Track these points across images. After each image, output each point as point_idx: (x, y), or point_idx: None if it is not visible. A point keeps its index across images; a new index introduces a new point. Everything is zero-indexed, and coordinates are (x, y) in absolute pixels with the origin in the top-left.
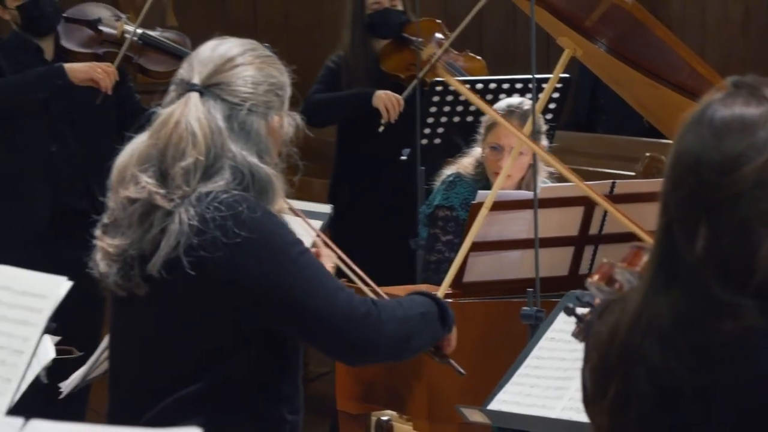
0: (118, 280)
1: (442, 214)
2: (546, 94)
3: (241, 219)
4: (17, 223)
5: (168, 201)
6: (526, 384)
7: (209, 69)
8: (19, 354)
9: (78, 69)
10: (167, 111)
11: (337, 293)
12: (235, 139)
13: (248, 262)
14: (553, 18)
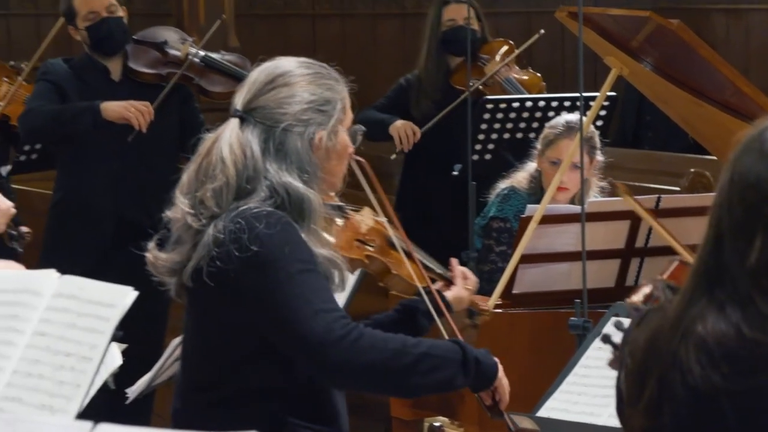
0: (175, 290)
1: (497, 226)
2: (593, 111)
3: (255, 233)
4: (83, 235)
5: (197, 221)
6: (574, 392)
7: (250, 94)
8: (87, 361)
9: (112, 108)
10: (209, 136)
11: (319, 314)
12: (272, 160)
13: (254, 277)
14: (601, 38)
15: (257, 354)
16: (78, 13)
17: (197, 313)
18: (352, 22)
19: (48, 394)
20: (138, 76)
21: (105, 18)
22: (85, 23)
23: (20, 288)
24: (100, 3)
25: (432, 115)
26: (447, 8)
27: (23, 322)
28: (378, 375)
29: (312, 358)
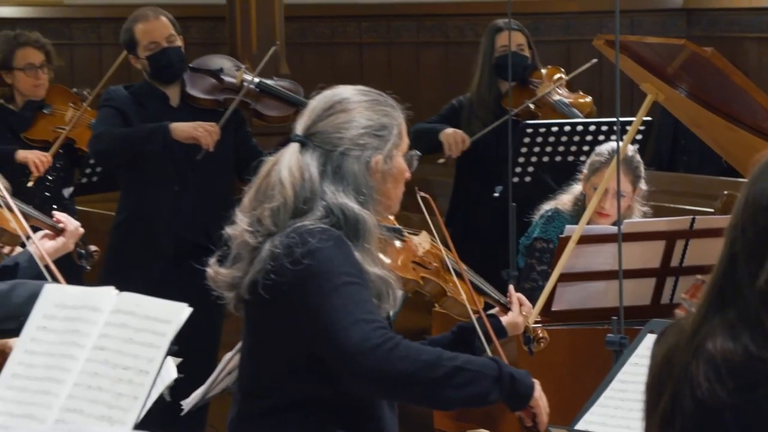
0: (233, 303)
1: (540, 246)
2: (630, 135)
3: (307, 248)
4: (143, 253)
5: (254, 238)
6: (611, 406)
7: (310, 119)
8: (144, 374)
9: (181, 128)
10: (269, 159)
11: (358, 323)
12: (329, 182)
13: (304, 288)
14: (637, 65)
15: (306, 365)
16: (139, 43)
17: (252, 325)
18: (397, 50)
19: (107, 405)
20: (195, 102)
21: (165, 48)
22: (146, 52)
23: (81, 304)
24: (160, 33)
25: (483, 136)
26: (500, 35)
27: (84, 336)
28: (410, 385)
29: (347, 365)
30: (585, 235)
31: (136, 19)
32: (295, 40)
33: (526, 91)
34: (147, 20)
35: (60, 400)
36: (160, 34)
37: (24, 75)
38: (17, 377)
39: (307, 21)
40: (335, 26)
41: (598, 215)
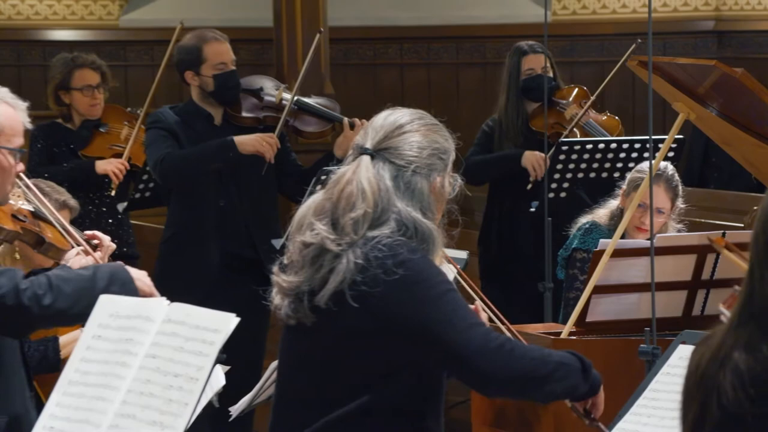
0: (289, 312)
1: (580, 256)
2: (662, 153)
3: (400, 259)
4: (191, 266)
5: (337, 245)
6: (644, 414)
7: (380, 135)
8: (194, 381)
9: (246, 142)
10: (341, 171)
11: (474, 327)
12: (400, 197)
13: (402, 297)
14: (669, 85)
15: (385, 373)
16: (206, 61)
17: (327, 333)
18: (437, 70)
19: (158, 411)
20: (237, 120)
21: (233, 70)
22: (213, 71)
23: (134, 314)
24: (229, 55)
25: None
26: (525, 58)
27: (137, 345)
28: (527, 382)
29: (470, 367)
30: (619, 248)
31: (204, 38)
32: (339, 62)
33: (554, 111)
34: (218, 41)
35: (114, 405)
36: (229, 56)
37: (81, 95)
38: (74, 384)
39: (350, 43)
40: (377, 48)
41: (637, 230)
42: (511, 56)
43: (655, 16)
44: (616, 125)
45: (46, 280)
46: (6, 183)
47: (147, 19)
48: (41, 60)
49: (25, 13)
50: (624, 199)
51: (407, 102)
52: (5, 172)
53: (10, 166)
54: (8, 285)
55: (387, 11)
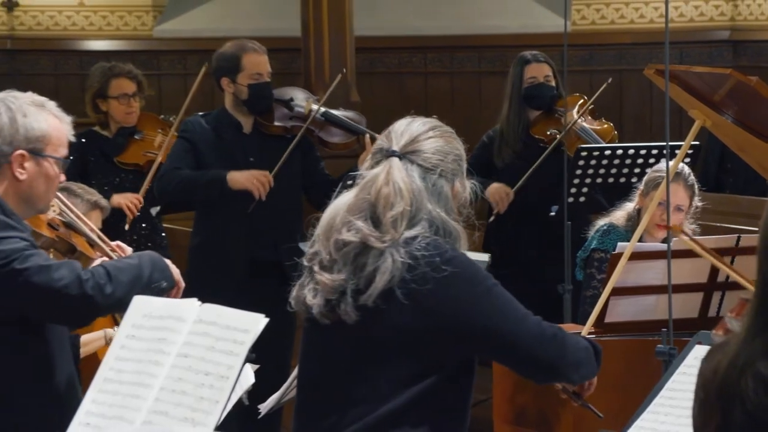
0: (323, 311)
1: (598, 256)
2: (678, 159)
3: (447, 257)
4: (221, 268)
5: (380, 242)
6: (661, 413)
7: (406, 139)
8: (225, 379)
9: (237, 179)
10: (374, 172)
11: (528, 317)
12: (428, 198)
13: (453, 293)
14: (685, 93)
15: (426, 366)
16: (243, 70)
17: (374, 331)
18: (460, 79)
19: (190, 408)
20: (266, 129)
21: (268, 81)
22: (248, 81)
23: (167, 314)
24: (266, 67)
25: (513, 163)
26: (528, 67)
27: (169, 344)
28: (572, 368)
29: (527, 356)
30: (636, 251)
31: (244, 48)
32: (365, 70)
33: (553, 119)
34: (256, 52)
35: (147, 402)
36: (264, 67)
37: (118, 103)
38: (109, 381)
39: (376, 52)
40: (402, 57)
41: (658, 228)
42: (514, 65)
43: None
44: (609, 132)
45: (103, 270)
46: (50, 192)
47: (180, 30)
48: (78, 69)
49: (63, 24)
50: (642, 199)
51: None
52: (50, 180)
53: (55, 175)
54: (70, 276)
55: (412, 21)
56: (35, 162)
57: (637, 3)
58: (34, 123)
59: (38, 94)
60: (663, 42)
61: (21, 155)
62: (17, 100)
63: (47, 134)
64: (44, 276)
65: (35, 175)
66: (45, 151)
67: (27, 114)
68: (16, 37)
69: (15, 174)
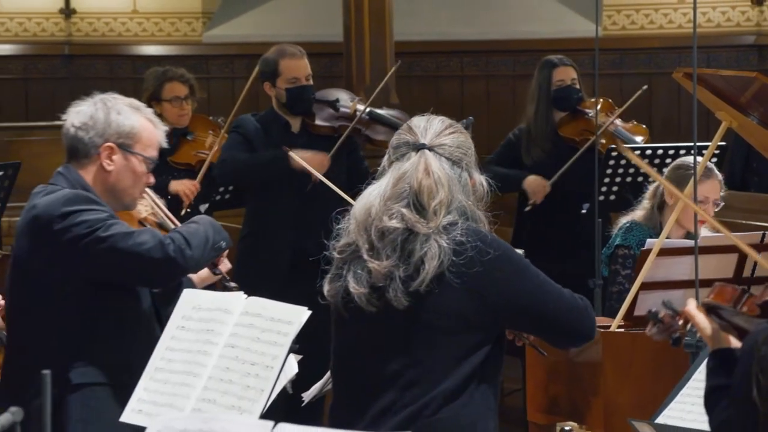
0: (370, 298)
1: (622, 253)
2: (705, 158)
3: (488, 241)
4: (266, 262)
5: (426, 228)
6: (688, 402)
7: (434, 133)
8: (269, 369)
9: (297, 160)
10: (409, 163)
11: (563, 292)
12: (457, 188)
13: (500, 274)
14: (712, 95)
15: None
16: (281, 74)
17: (425, 314)
18: (495, 82)
19: (237, 396)
20: (314, 128)
21: (304, 85)
22: (286, 85)
23: (214, 307)
24: (302, 71)
25: (542, 161)
26: (556, 70)
27: (217, 335)
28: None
29: (573, 327)
30: (664, 248)
31: (282, 53)
32: (404, 73)
33: (581, 120)
34: (293, 57)
35: (196, 391)
36: (302, 71)
37: (170, 106)
38: (160, 371)
39: (414, 56)
40: (440, 60)
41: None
42: (541, 69)
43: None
44: (643, 132)
45: (180, 235)
46: (136, 188)
47: (228, 35)
48: (132, 73)
49: (117, 30)
50: (671, 195)
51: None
52: (137, 177)
53: (142, 173)
54: (153, 241)
55: (449, 27)
56: (123, 156)
57: (666, 9)
58: (126, 121)
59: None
60: (691, 46)
61: (110, 147)
62: (115, 100)
63: (137, 132)
64: (129, 241)
65: (122, 169)
66: (134, 147)
67: (121, 112)
68: (73, 43)
69: (103, 164)
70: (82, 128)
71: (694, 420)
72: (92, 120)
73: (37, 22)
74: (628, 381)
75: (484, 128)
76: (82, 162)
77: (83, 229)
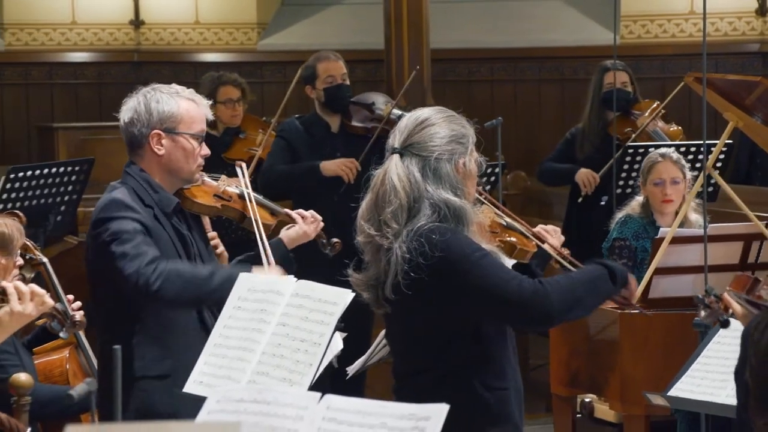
0: (372, 304)
1: (618, 245)
2: (714, 155)
3: (433, 243)
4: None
5: (385, 239)
6: (698, 377)
7: (405, 134)
8: (317, 345)
9: (328, 167)
10: (378, 171)
11: (510, 281)
12: (430, 182)
13: (446, 274)
14: (720, 98)
15: (453, 335)
16: (319, 76)
17: (402, 318)
18: (522, 86)
19: (288, 370)
20: (351, 129)
21: (340, 84)
22: (323, 85)
23: (268, 289)
24: (337, 71)
25: (592, 156)
26: (607, 74)
27: (269, 315)
28: (572, 310)
29: (520, 312)
30: (676, 236)
31: (319, 58)
32: (439, 78)
33: (629, 120)
34: (328, 60)
35: (251, 365)
36: (337, 71)
37: (224, 107)
38: (218, 347)
39: (448, 62)
40: (471, 66)
41: (664, 203)
42: (596, 72)
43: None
44: (678, 134)
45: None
46: (190, 164)
47: (280, 44)
48: (193, 78)
49: (181, 39)
50: (645, 188)
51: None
52: (187, 153)
53: (192, 149)
54: (133, 267)
55: (480, 36)
56: (170, 139)
57: (678, 19)
58: (166, 107)
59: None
60: (701, 53)
61: (157, 134)
62: (154, 90)
63: (178, 114)
64: (121, 263)
65: (172, 150)
66: (178, 128)
67: (159, 100)
68: (141, 51)
69: (154, 150)
70: (131, 123)
71: (703, 392)
72: (137, 113)
73: (110, 33)
74: (643, 357)
75: (512, 127)
76: (139, 153)
77: (106, 237)
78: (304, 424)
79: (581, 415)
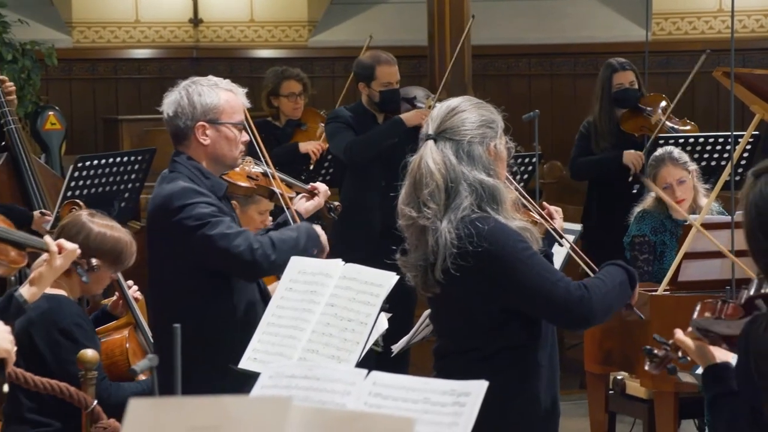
0: (420, 288)
1: (638, 241)
2: (741, 146)
3: (482, 235)
4: (359, 234)
5: (426, 219)
6: None
7: (438, 121)
8: (364, 325)
9: (409, 117)
10: (414, 157)
11: (558, 283)
12: (465, 164)
13: (492, 264)
14: (747, 91)
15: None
16: (377, 78)
17: (450, 300)
18: (558, 80)
19: (336, 348)
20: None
21: (396, 89)
22: (380, 87)
23: (317, 271)
24: (395, 77)
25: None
26: (616, 75)
27: (319, 296)
28: (605, 315)
29: (564, 315)
30: (705, 222)
31: (379, 60)
32: (479, 73)
33: (640, 117)
34: (388, 64)
35: (302, 343)
36: (394, 77)
37: (287, 101)
38: (271, 326)
39: (488, 58)
40: (510, 62)
41: (678, 204)
42: (603, 70)
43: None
44: (693, 129)
45: (270, 241)
46: (234, 150)
47: (330, 41)
48: (248, 73)
49: (237, 36)
50: (656, 187)
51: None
52: (231, 141)
53: (234, 137)
54: (244, 244)
55: (519, 33)
56: (214, 129)
57: (707, 17)
58: (207, 99)
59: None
60: (729, 49)
61: (201, 126)
62: (195, 84)
63: (219, 106)
64: (225, 242)
65: (216, 139)
66: (220, 119)
67: (201, 93)
68: (200, 47)
69: (200, 141)
70: (176, 116)
71: None
72: (180, 107)
73: (170, 30)
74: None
75: (548, 120)
76: (185, 143)
77: (193, 221)
78: (352, 398)
79: (613, 391)
